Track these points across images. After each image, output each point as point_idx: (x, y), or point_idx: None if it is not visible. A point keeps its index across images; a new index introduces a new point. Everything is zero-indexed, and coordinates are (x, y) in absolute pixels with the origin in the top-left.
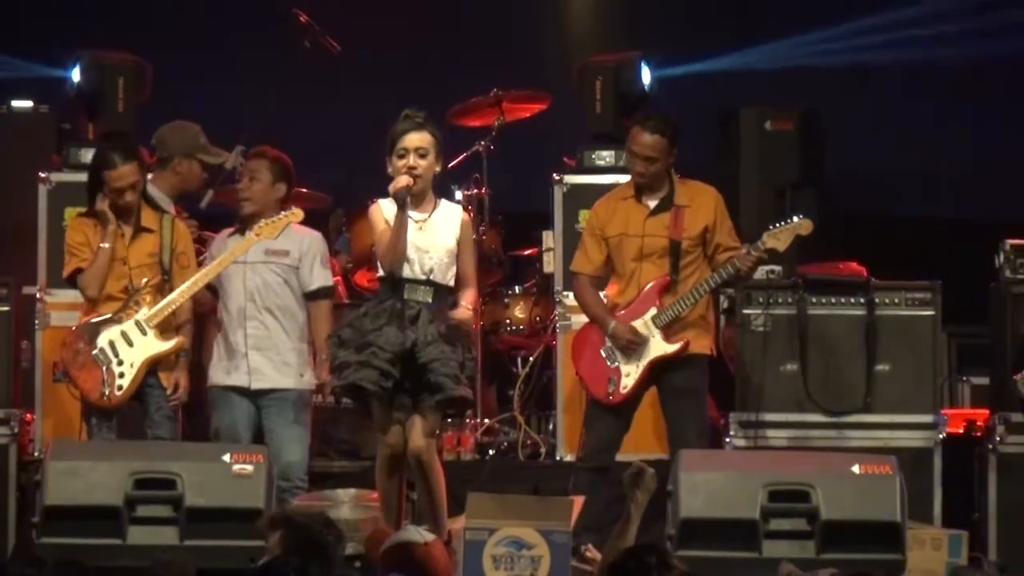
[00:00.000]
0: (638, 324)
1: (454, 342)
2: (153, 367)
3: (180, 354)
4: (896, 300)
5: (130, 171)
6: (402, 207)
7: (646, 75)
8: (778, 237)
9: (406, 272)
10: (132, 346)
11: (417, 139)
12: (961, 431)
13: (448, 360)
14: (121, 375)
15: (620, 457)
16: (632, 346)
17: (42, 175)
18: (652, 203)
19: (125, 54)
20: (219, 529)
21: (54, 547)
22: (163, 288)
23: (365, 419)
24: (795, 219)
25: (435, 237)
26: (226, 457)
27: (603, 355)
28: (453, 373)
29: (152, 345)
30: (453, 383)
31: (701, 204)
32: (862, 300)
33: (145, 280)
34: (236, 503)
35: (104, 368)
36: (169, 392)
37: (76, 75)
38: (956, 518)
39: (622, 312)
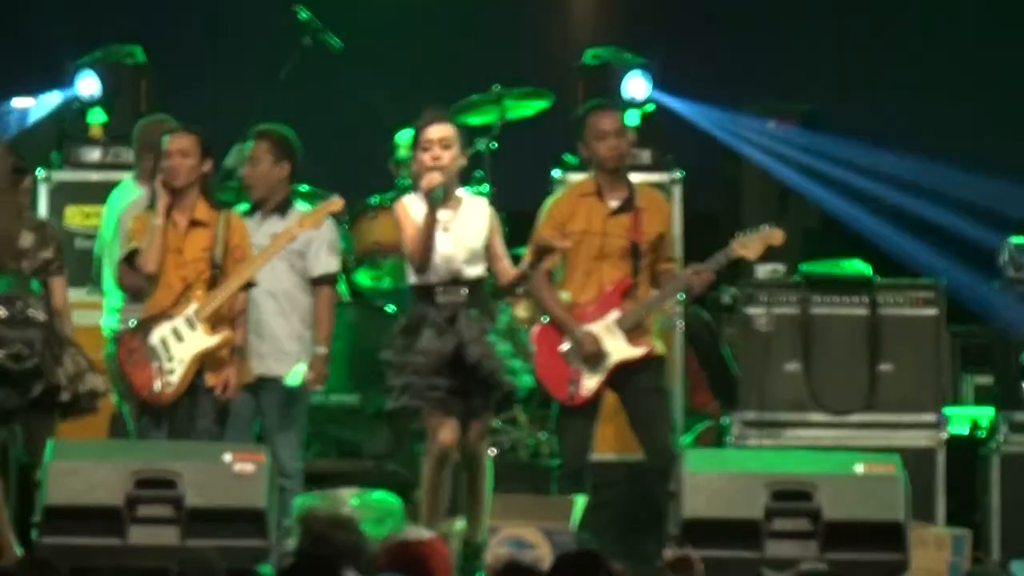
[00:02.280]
0: (600, 326)
1: (503, 332)
2: (203, 364)
3: (234, 351)
4: (899, 299)
5: (185, 139)
6: (432, 206)
7: (637, 88)
8: (747, 245)
9: (434, 278)
10: (182, 342)
11: (440, 130)
12: (964, 430)
13: (495, 355)
14: (171, 372)
15: (602, 457)
16: (596, 358)
17: (43, 173)
18: (614, 203)
19: (124, 48)
20: (220, 529)
21: (54, 547)
22: (215, 283)
23: (366, 419)
24: (765, 228)
25: (460, 239)
26: (227, 457)
27: (564, 355)
28: (502, 366)
29: (200, 340)
30: (504, 377)
31: (657, 209)
32: (865, 299)
33: (195, 277)
34: (237, 503)
35: (155, 365)
36: (218, 391)
37: (89, 85)
38: (959, 518)
39: (582, 311)
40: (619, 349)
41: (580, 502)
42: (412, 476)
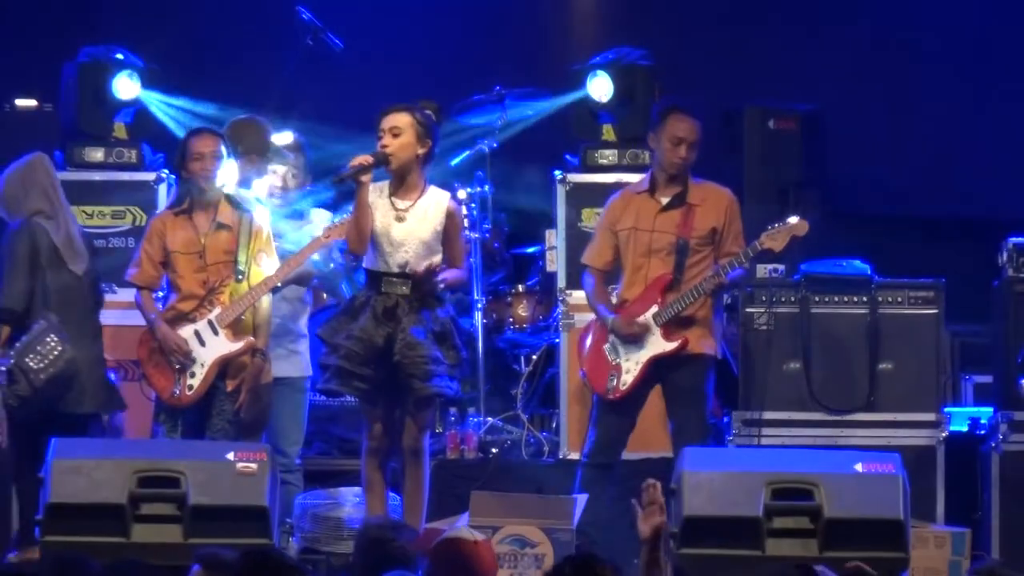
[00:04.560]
0: (639, 322)
1: (438, 334)
2: (224, 368)
3: (255, 354)
4: (899, 299)
5: (215, 141)
6: (359, 187)
7: None
8: (775, 237)
9: (381, 265)
10: (204, 346)
11: (391, 119)
12: (964, 429)
13: (420, 358)
14: (192, 375)
15: (629, 455)
16: (632, 337)
17: None
18: (665, 199)
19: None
20: (223, 527)
21: (57, 545)
22: (238, 288)
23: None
24: (792, 220)
25: (413, 228)
26: (230, 455)
27: (605, 351)
28: (425, 371)
29: (223, 346)
30: (420, 380)
31: (712, 204)
32: (865, 299)
33: (217, 281)
34: (240, 501)
35: (176, 368)
36: (240, 399)
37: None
38: (959, 516)
39: (627, 308)
40: (653, 343)
41: (581, 501)
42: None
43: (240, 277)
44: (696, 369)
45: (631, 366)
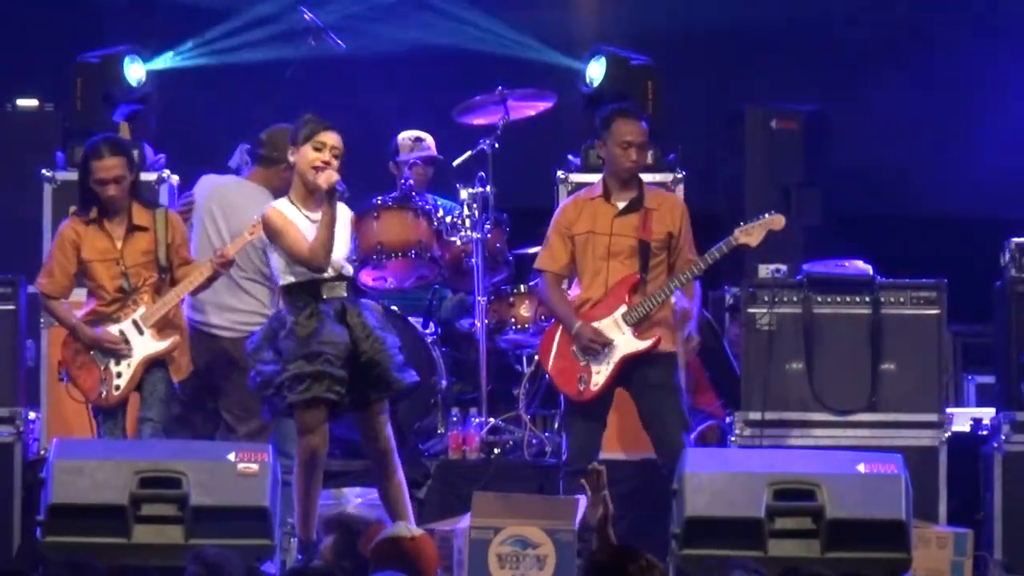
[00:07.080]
0: (607, 322)
1: (388, 328)
2: (151, 366)
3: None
4: (901, 299)
5: (116, 164)
6: (331, 202)
7: None
8: (750, 233)
9: (322, 274)
10: (129, 346)
11: (336, 139)
12: (967, 430)
13: (389, 351)
14: (119, 375)
15: (608, 456)
16: (593, 346)
17: (46, 173)
18: (621, 204)
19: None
20: (224, 528)
21: (59, 546)
22: (162, 286)
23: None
24: (767, 215)
25: (340, 236)
26: (231, 456)
27: (574, 352)
28: (398, 363)
29: (149, 345)
30: (400, 374)
31: (667, 210)
32: (867, 299)
33: (143, 280)
34: (241, 502)
35: (102, 368)
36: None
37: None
38: (961, 517)
39: (590, 309)
40: (625, 343)
41: (584, 502)
42: (415, 474)
43: (164, 275)
44: (665, 366)
45: (602, 367)
